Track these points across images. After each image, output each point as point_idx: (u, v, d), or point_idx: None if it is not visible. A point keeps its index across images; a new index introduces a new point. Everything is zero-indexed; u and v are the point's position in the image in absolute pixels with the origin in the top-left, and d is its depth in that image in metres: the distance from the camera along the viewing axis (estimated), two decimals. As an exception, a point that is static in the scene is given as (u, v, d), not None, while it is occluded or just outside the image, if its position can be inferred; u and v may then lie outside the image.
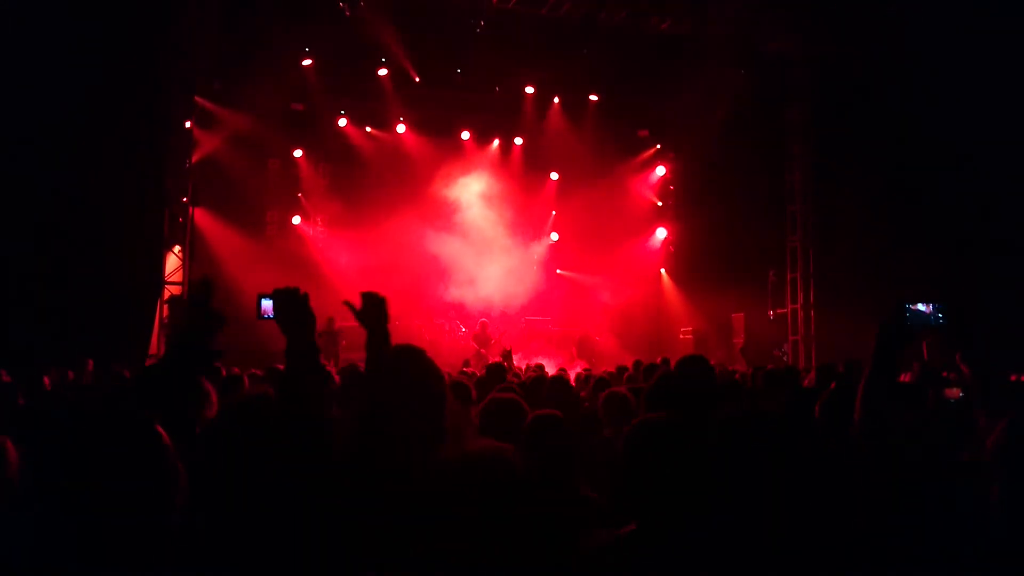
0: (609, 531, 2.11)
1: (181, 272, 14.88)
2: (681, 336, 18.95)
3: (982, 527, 2.02)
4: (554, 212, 20.89)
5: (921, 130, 12.78)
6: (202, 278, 2.40)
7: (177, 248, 15.19)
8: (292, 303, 2.42)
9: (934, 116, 12.49)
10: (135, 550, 1.87)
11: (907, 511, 2.27)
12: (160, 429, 2.29)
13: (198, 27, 14.62)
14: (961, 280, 11.23)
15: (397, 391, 2.37)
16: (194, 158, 15.47)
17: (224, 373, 6.65)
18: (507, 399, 3.68)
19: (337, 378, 6.19)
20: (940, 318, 2.48)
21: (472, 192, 19.01)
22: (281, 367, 5.54)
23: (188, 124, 15.30)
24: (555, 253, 20.92)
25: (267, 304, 2.46)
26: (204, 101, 15.94)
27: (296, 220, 18.77)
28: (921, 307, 2.46)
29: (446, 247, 18.68)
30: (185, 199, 15.08)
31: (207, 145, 16.14)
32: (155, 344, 14.07)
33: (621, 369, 9.65)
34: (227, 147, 16.35)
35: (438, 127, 19.08)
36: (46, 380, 6.90)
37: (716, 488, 2.06)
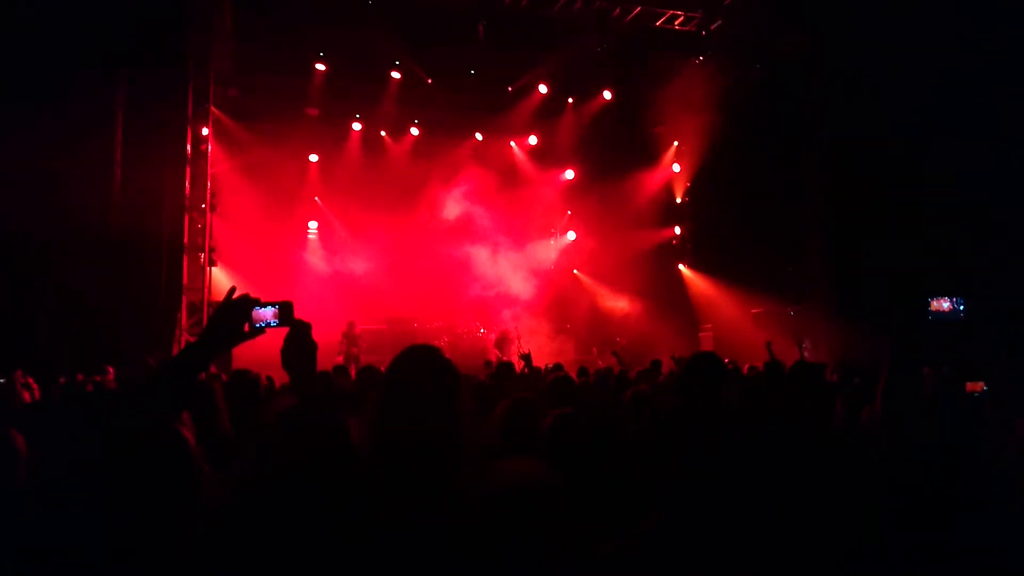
0: (633, 528, 2.11)
1: (201, 278, 15.01)
2: (701, 333, 18.90)
3: (1006, 523, 2.00)
4: (570, 211, 20.87)
5: (939, 124, 12.67)
6: (243, 297, 2.27)
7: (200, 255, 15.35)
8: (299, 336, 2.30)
9: (951, 109, 12.39)
10: (160, 544, 1.90)
11: (928, 504, 2.26)
12: (187, 433, 2.32)
13: (213, 36, 14.75)
14: (981, 276, 11.11)
15: (411, 390, 2.34)
16: (212, 165, 15.60)
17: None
18: (528, 399, 3.69)
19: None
20: (962, 312, 2.46)
21: (487, 193, 19.04)
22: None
23: (206, 131, 15.43)
24: (572, 252, 20.90)
25: (263, 313, 2.31)
26: (220, 108, 16.08)
27: (313, 224, 18.87)
28: (945, 304, 2.44)
29: (462, 248, 18.73)
30: (204, 205, 15.21)
31: (224, 152, 16.29)
32: (176, 351, 14.20)
33: (655, 364, 9.72)
34: (244, 154, 16.50)
35: (452, 129, 19.13)
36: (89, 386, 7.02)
37: (742, 482, 2.05)
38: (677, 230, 21.14)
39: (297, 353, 2.23)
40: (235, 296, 2.26)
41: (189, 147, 14.84)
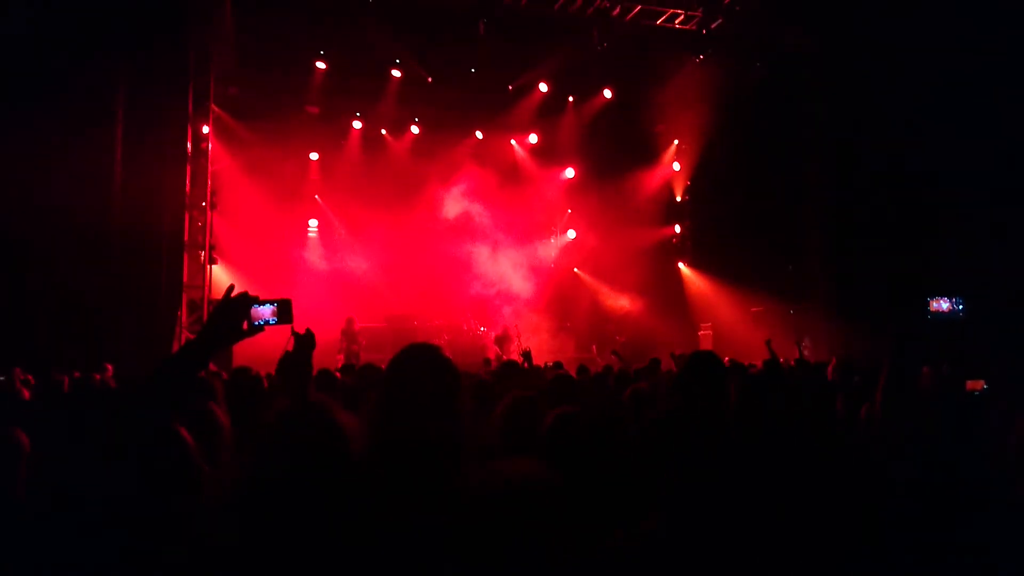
0: (633, 528, 2.10)
1: (201, 276, 15.01)
2: (701, 332, 18.89)
3: (1006, 523, 2.00)
4: (570, 210, 20.86)
5: (938, 124, 12.66)
6: (242, 295, 2.27)
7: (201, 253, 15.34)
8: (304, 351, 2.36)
9: (951, 109, 12.38)
10: (160, 544, 1.90)
11: (928, 504, 2.26)
12: (184, 432, 2.32)
13: (213, 34, 14.75)
14: (981, 276, 11.10)
15: (411, 389, 2.33)
16: (212, 163, 15.60)
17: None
18: (528, 397, 3.67)
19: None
20: (961, 312, 2.46)
21: (488, 191, 19.04)
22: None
23: (206, 129, 15.43)
24: (572, 250, 20.89)
25: (262, 310, 2.35)
26: (220, 106, 16.07)
27: (313, 222, 18.86)
28: (944, 304, 2.44)
29: (463, 246, 18.73)
30: (204, 203, 15.21)
31: (225, 150, 16.28)
32: (176, 349, 14.18)
33: (655, 362, 9.72)
34: (244, 152, 16.50)
35: (452, 127, 19.12)
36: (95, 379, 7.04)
37: (742, 482, 2.05)
38: (677, 228, 21.14)
39: (293, 367, 2.25)
40: (234, 294, 2.26)
41: (189, 145, 14.83)
